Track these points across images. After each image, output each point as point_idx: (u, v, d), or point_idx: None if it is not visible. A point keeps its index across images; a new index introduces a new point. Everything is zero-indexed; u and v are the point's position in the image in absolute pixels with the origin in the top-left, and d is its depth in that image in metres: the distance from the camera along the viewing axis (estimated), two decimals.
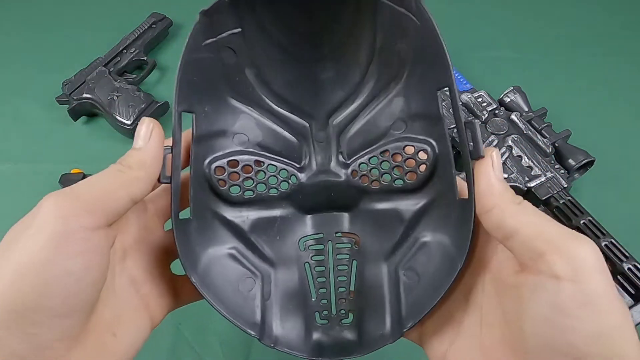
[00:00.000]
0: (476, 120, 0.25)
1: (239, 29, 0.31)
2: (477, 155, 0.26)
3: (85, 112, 0.68)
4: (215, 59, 0.31)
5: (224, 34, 0.30)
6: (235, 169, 0.32)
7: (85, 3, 0.84)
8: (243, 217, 0.33)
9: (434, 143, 0.30)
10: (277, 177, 0.33)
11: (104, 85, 0.66)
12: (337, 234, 0.33)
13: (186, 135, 0.30)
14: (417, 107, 0.31)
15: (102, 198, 0.23)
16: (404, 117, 0.32)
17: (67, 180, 0.58)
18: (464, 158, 0.27)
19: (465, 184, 0.27)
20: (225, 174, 0.32)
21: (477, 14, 0.78)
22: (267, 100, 0.34)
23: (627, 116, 0.68)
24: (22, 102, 0.69)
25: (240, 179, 0.32)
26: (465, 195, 0.27)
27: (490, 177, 0.25)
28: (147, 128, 0.27)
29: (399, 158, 0.31)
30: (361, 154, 0.33)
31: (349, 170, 0.33)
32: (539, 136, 0.59)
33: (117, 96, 0.65)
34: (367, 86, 0.33)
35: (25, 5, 0.83)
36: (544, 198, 0.55)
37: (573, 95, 0.68)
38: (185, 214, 0.30)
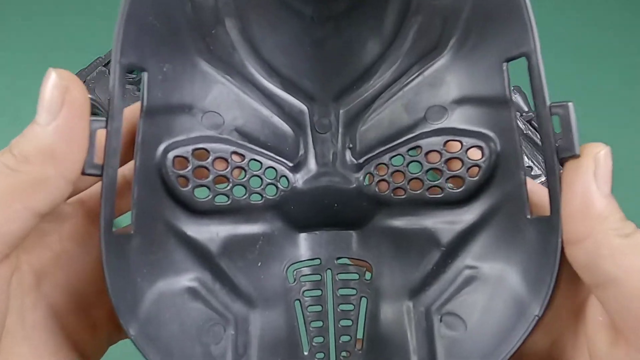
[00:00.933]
0: (570, 103, 0.19)
1: None
2: (570, 154, 0.18)
3: None
4: None
5: None
6: (203, 162, 0.23)
7: (85, 3, 0.80)
8: (212, 233, 0.24)
9: (493, 137, 0.23)
10: (261, 178, 0.25)
11: (104, 85, 0.64)
12: (341, 260, 0.26)
13: (132, 109, 0.21)
14: (469, 87, 0.24)
15: None
16: (446, 101, 0.24)
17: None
18: (547, 157, 0.19)
19: (543, 194, 0.21)
20: (189, 168, 0.22)
21: None
22: (252, 69, 0.25)
23: (628, 116, 0.67)
24: (22, 102, 0.67)
25: (211, 178, 0.23)
26: (543, 210, 0.21)
27: (588, 190, 0.18)
28: (56, 88, 0.17)
29: (436, 158, 0.24)
30: (380, 150, 0.25)
31: (362, 174, 0.26)
32: (539, 136, 0.59)
33: None
34: (393, 58, 0.25)
35: (25, 5, 0.80)
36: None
37: (573, 95, 0.67)
38: (124, 220, 0.22)
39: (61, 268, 0.20)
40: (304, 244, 0.26)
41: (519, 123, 0.49)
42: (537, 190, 0.22)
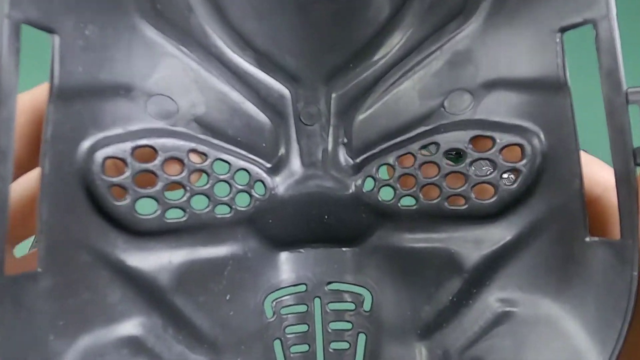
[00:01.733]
0: None
1: None
2: None
3: None
4: None
5: None
6: (148, 165, 0.17)
7: None
8: (162, 261, 0.18)
9: (538, 132, 0.18)
10: (230, 184, 0.19)
11: None
12: (333, 286, 0.21)
13: (37, 92, 0.16)
14: (505, 66, 0.19)
15: None
16: (474, 84, 0.19)
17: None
18: (617, 160, 0.15)
19: (608, 206, 0.17)
20: (128, 174, 0.17)
21: None
22: (216, 38, 0.20)
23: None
24: None
25: (159, 186, 0.18)
26: (609, 231, 0.17)
27: None
28: None
29: (459, 158, 0.20)
30: (383, 147, 0.21)
31: (360, 177, 0.21)
32: None
33: None
34: (404, 26, 0.20)
35: None
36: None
37: (572, 95, 0.66)
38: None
39: None
40: (286, 267, 0.22)
41: None
42: (604, 205, 0.17)
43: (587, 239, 0.16)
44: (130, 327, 0.17)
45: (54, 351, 0.15)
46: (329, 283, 0.21)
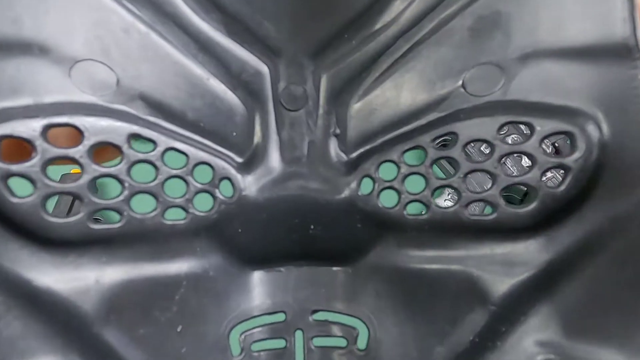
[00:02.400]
0: None
1: None
2: None
3: None
4: None
5: None
6: (68, 152, 0.14)
7: None
8: (86, 281, 0.15)
9: (596, 116, 0.14)
10: (186, 181, 0.16)
11: None
12: (319, 315, 0.18)
13: None
14: (548, 31, 0.15)
15: None
16: (505, 56, 0.16)
17: (67, 179, 0.45)
18: None
19: None
20: (34, 162, 0.13)
21: None
22: None
23: None
24: None
25: (84, 180, 0.14)
26: None
27: None
28: None
29: (485, 153, 0.16)
30: (386, 139, 0.17)
31: (356, 177, 0.17)
32: None
33: None
34: None
35: None
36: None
37: None
38: None
39: None
40: (259, 290, 0.18)
41: (520, 125, 0.42)
42: None
43: None
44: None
45: None
46: (315, 312, 0.18)
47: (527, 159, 0.17)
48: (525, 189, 0.15)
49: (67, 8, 0.14)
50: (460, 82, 0.16)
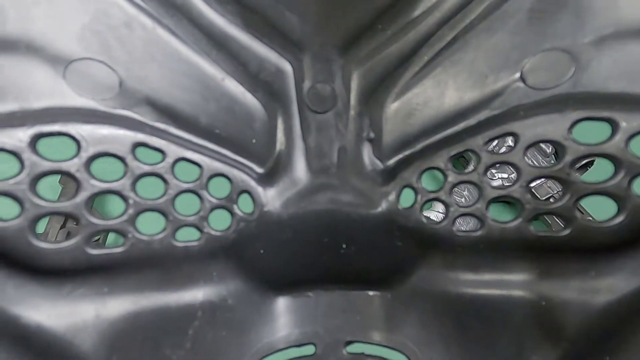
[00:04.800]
0: None
1: None
2: None
3: None
4: None
5: None
6: (62, 165, 0.13)
7: None
8: (84, 316, 0.14)
9: None
10: (200, 197, 0.15)
11: None
12: (354, 347, 0.17)
13: None
14: (632, 10, 0.13)
15: None
16: (576, 41, 0.14)
17: (67, 180, 0.48)
18: None
19: None
20: (21, 178, 0.12)
21: None
22: None
23: None
24: None
25: (80, 198, 0.13)
26: None
27: None
28: None
29: (548, 157, 0.16)
30: (427, 144, 0.15)
31: (395, 187, 0.16)
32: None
33: None
34: None
35: None
36: (543, 198, 0.52)
37: None
38: None
39: None
40: (284, 319, 0.17)
41: None
42: None
43: None
44: None
45: None
46: (349, 343, 0.17)
47: (609, 162, 0.15)
48: (613, 199, 0.12)
49: (60, 24, 0.13)
50: (518, 74, 0.14)
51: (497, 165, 0.14)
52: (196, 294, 0.15)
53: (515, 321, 0.14)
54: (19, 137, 0.11)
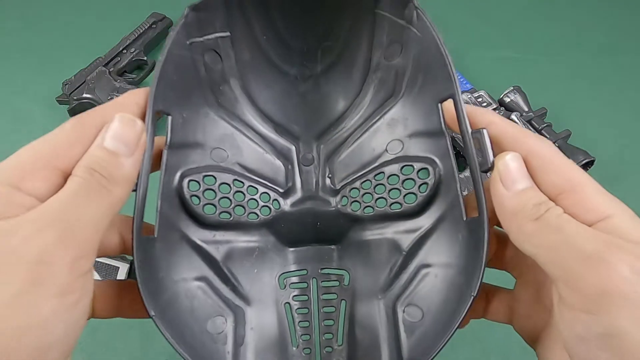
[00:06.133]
0: (484, 129, 0.22)
1: (228, 33, 0.29)
2: (487, 166, 0.22)
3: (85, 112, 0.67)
4: (199, 61, 0.28)
5: (211, 35, 0.28)
6: (211, 186, 0.28)
7: (85, 3, 0.82)
8: (216, 243, 0.28)
9: (436, 160, 0.27)
10: (257, 201, 0.29)
11: (104, 85, 0.65)
12: (324, 270, 0.29)
13: (157, 139, 0.26)
14: (416, 124, 0.28)
15: (94, 238, 0.19)
16: (401, 136, 0.29)
17: None
18: (471, 172, 0.23)
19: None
20: (200, 189, 0.27)
21: (477, 14, 0.78)
22: (251, 116, 0.31)
23: (627, 116, 0.67)
24: (22, 102, 0.69)
25: (217, 198, 0.28)
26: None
27: (498, 194, 0.21)
28: (138, 131, 0.21)
29: (395, 180, 0.29)
30: (353, 178, 0.30)
31: (339, 197, 0.30)
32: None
33: (117, 96, 0.64)
34: (361, 105, 0.31)
35: (25, 5, 0.81)
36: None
37: (573, 95, 0.68)
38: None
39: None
40: (292, 257, 0.29)
41: (520, 125, 0.52)
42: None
43: (464, 219, 0.25)
44: (197, 279, 0.27)
45: (161, 283, 0.24)
46: (322, 269, 0.29)
47: (414, 182, 0.27)
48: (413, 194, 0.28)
49: (210, 128, 0.29)
50: (384, 148, 0.30)
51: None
52: (255, 241, 0.28)
53: (387, 247, 0.28)
54: (198, 176, 0.26)
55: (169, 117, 0.26)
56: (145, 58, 0.71)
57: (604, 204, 0.20)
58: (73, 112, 0.65)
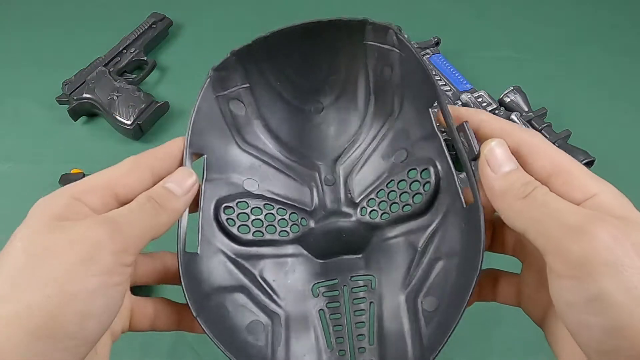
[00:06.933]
0: (466, 122, 0.25)
1: (247, 84, 0.34)
2: (473, 155, 0.25)
3: (85, 112, 0.67)
4: (226, 110, 0.34)
5: (233, 88, 0.34)
6: (244, 210, 0.32)
7: (85, 3, 0.82)
8: (251, 258, 0.32)
9: (434, 160, 0.30)
10: (287, 220, 0.33)
11: (104, 85, 0.65)
12: (353, 278, 0.32)
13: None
14: (415, 132, 0.31)
15: (138, 242, 0.23)
16: (405, 145, 0.33)
17: (66, 180, 0.57)
18: (462, 162, 0.26)
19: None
20: (234, 214, 0.32)
21: (477, 14, 0.78)
22: (275, 150, 0.35)
23: (627, 116, 0.65)
24: (22, 102, 0.69)
25: (250, 220, 0.32)
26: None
27: (486, 177, 0.23)
28: (192, 181, 0.27)
29: (404, 185, 0.32)
30: (369, 190, 0.34)
31: (359, 209, 0.34)
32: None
33: (117, 96, 0.64)
34: (367, 127, 0.35)
35: (25, 5, 0.81)
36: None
37: (573, 95, 0.68)
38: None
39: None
40: (323, 268, 0.32)
41: (520, 125, 0.56)
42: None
43: (465, 207, 0.27)
44: (238, 288, 0.30)
45: (205, 292, 0.28)
46: (352, 277, 0.31)
47: (419, 182, 0.30)
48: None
49: (240, 162, 0.34)
50: (392, 158, 0.33)
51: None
52: (288, 255, 0.31)
53: (403, 247, 0.30)
54: (233, 202, 0.30)
55: (205, 157, 0.31)
56: (145, 58, 0.71)
57: (590, 184, 0.21)
58: (73, 112, 0.65)
